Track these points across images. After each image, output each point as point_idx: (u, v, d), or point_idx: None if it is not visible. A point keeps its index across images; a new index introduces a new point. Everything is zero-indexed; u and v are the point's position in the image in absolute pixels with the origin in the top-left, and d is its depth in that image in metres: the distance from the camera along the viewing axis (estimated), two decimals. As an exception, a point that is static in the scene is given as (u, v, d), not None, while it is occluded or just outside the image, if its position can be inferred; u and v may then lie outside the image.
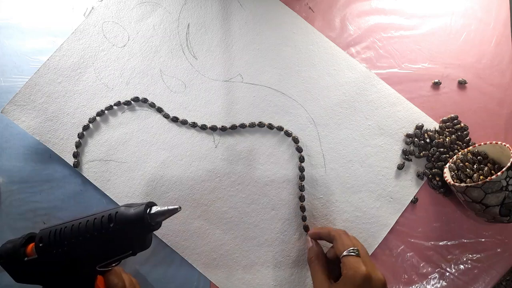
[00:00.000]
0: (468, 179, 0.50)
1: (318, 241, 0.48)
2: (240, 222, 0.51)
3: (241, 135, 0.53)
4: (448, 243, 0.52)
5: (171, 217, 0.49)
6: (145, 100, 0.53)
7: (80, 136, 0.51)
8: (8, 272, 0.38)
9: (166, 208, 0.36)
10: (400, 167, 0.53)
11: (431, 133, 0.54)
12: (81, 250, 0.36)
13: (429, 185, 0.54)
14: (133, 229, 0.36)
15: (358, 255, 0.40)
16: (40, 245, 0.36)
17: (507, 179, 0.44)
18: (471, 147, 0.52)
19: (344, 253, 0.41)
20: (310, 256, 0.46)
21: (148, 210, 0.36)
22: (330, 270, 0.44)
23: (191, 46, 0.56)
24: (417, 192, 0.53)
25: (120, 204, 0.49)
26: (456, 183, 0.49)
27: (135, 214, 0.35)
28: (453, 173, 0.51)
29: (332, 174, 0.53)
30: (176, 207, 0.36)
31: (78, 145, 0.51)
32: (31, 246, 0.38)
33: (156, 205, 0.37)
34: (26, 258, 0.37)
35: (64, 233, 0.36)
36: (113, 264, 0.38)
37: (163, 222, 0.36)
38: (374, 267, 0.41)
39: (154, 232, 0.49)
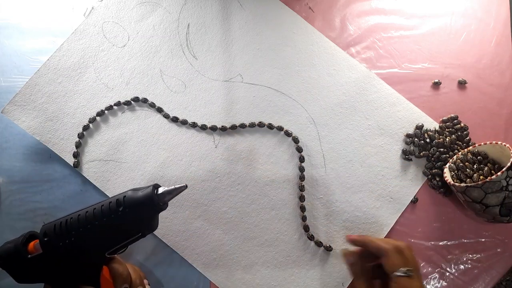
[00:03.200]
0: (468, 179, 0.50)
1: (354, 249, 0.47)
2: (240, 222, 0.51)
3: (241, 135, 0.53)
4: (448, 243, 0.52)
5: (171, 217, 0.50)
6: (145, 100, 0.53)
7: (80, 136, 0.51)
8: (9, 273, 0.38)
9: (173, 187, 0.37)
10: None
11: (431, 133, 0.54)
12: (90, 238, 0.36)
13: (429, 185, 0.54)
14: (142, 211, 0.36)
15: (411, 276, 0.40)
16: (45, 239, 0.36)
17: (507, 179, 0.44)
18: (471, 147, 0.52)
19: (397, 273, 0.40)
20: (355, 272, 0.45)
21: (155, 191, 0.36)
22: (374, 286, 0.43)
23: (191, 46, 0.56)
24: (417, 192, 0.53)
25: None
26: (456, 183, 0.49)
27: (144, 196, 0.36)
28: (453, 173, 0.51)
29: (332, 174, 0.53)
30: (182, 185, 0.37)
31: (78, 145, 0.51)
32: (32, 243, 0.38)
33: (161, 186, 0.38)
34: (29, 256, 0.37)
35: (71, 224, 0.36)
36: (122, 250, 0.38)
37: (162, 222, 0.36)
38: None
39: (154, 233, 0.49)
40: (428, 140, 0.54)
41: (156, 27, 0.56)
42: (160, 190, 0.37)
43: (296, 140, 0.53)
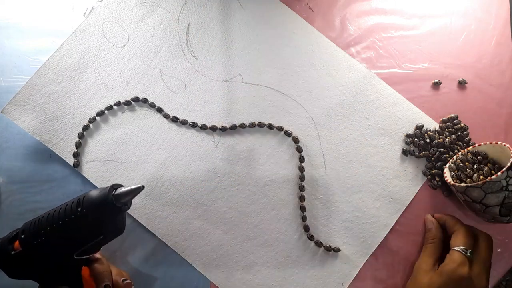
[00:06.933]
0: (468, 179, 0.50)
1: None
2: (240, 222, 0.51)
3: (241, 135, 0.53)
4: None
5: (171, 217, 0.50)
6: (145, 100, 0.53)
7: (80, 136, 0.51)
8: (0, 268, 0.38)
9: (129, 188, 0.36)
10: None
11: (431, 133, 0.54)
12: (57, 238, 0.36)
13: (429, 185, 0.54)
14: (100, 212, 0.36)
15: (468, 256, 0.42)
16: (22, 236, 0.37)
17: (507, 179, 0.44)
18: (471, 147, 0.52)
19: (455, 248, 0.43)
20: (430, 238, 0.48)
21: (113, 192, 0.36)
22: (439, 259, 0.46)
23: (191, 46, 0.56)
24: (417, 192, 0.53)
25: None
26: (456, 183, 0.49)
27: (100, 196, 0.36)
28: (453, 173, 0.51)
29: (332, 174, 0.53)
30: (138, 186, 0.36)
31: (78, 145, 0.51)
32: (18, 240, 0.38)
33: (122, 186, 0.37)
34: (13, 252, 0.37)
35: (41, 222, 0.36)
36: (90, 252, 0.38)
37: (162, 222, 0.35)
38: (484, 276, 0.42)
39: (154, 233, 0.49)
40: (428, 140, 0.54)
41: (156, 27, 0.56)
42: (117, 190, 0.36)
43: (296, 140, 0.53)
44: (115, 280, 0.42)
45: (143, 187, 0.37)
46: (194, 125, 0.53)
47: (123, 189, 0.37)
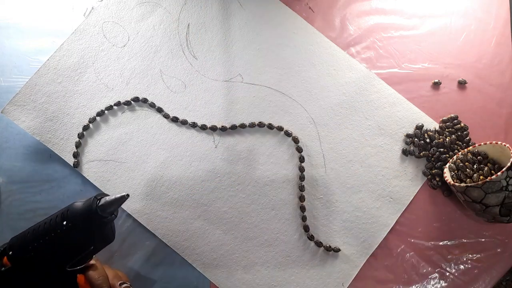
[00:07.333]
0: (468, 179, 0.50)
1: None
2: (240, 222, 0.51)
3: (241, 135, 0.53)
4: (448, 243, 0.52)
5: (171, 217, 0.50)
6: (145, 100, 0.53)
7: (80, 136, 0.51)
8: None
9: (113, 197, 0.36)
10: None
11: (431, 133, 0.54)
12: (47, 253, 0.35)
13: (429, 185, 0.54)
14: (87, 224, 0.35)
15: None
16: (10, 253, 0.36)
17: (507, 179, 0.44)
18: (471, 147, 0.52)
19: None
20: None
21: (97, 202, 0.36)
22: None
23: (191, 46, 0.56)
24: (417, 192, 0.53)
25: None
26: (456, 183, 0.49)
27: (84, 208, 0.35)
28: (453, 173, 0.51)
29: (332, 174, 0.53)
30: (123, 194, 0.36)
31: (78, 145, 0.51)
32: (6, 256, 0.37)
33: (106, 195, 0.37)
34: (2, 269, 0.36)
35: (27, 238, 0.36)
36: (83, 262, 0.37)
37: (162, 222, 0.35)
38: None
39: (154, 233, 0.49)
40: (428, 140, 0.54)
41: (156, 27, 0.56)
42: (102, 201, 0.36)
43: (296, 140, 0.53)
44: (112, 284, 0.41)
45: (127, 195, 0.36)
46: (194, 125, 0.53)
47: (107, 199, 0.36)
